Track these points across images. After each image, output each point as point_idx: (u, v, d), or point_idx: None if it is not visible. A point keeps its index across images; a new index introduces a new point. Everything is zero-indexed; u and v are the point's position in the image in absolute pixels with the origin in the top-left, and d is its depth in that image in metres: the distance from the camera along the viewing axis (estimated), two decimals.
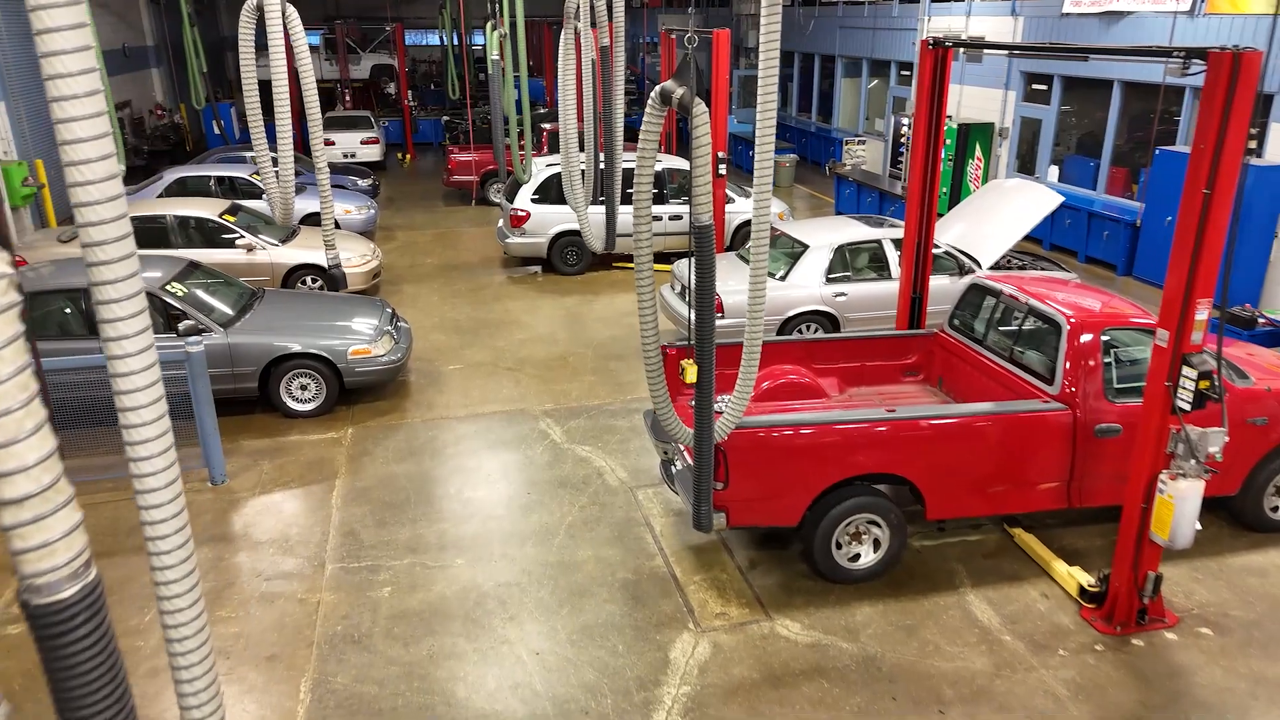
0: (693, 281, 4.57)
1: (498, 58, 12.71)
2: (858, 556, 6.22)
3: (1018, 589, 6.21)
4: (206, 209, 11.98)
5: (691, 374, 4.63)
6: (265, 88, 6.66)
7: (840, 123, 23.81)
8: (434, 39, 37.65)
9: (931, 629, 5.80)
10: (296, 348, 8.68)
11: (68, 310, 8.41)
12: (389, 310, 9.79)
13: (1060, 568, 6.28)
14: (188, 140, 24.32)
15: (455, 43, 32.20)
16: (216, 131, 21.51)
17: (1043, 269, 11.03)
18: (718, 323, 9.79)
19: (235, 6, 38.11)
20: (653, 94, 4.36)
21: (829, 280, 10.10)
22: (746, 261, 11.05)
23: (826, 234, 10.41)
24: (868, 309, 10.17)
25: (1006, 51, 15.26)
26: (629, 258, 14.27)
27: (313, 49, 31.24)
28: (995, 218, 10.77)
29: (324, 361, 8.77)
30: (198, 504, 7.33)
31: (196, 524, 7.02)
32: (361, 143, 22.22)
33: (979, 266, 10.45)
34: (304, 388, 8.86)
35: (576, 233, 13.50)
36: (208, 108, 21.19)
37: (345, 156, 22.03)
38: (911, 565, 6.47)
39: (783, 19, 23.78)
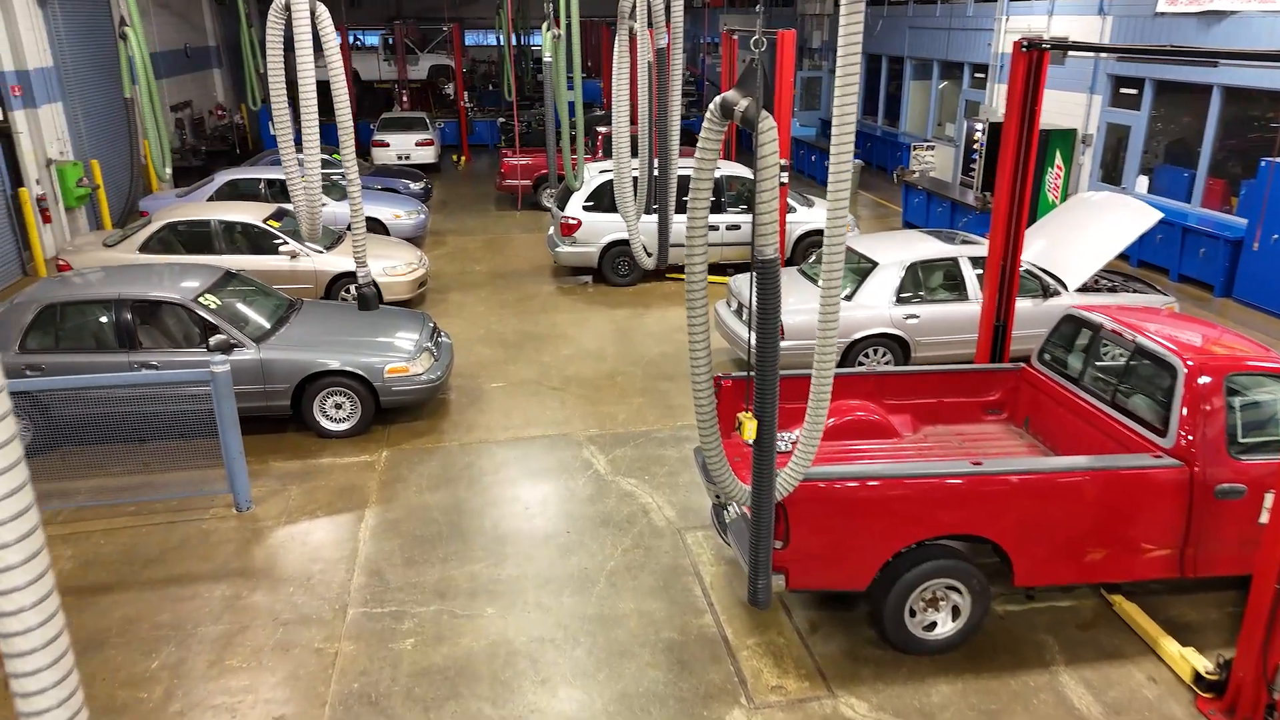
0: (753, 321, 3.94)
1: (550, 59, 12.22)
2: (934, 625, 5.50)
3: (1119, 669, 5.43)
4: (251, 214, 11.70)
5: (750, 430, 3.99)
6: (323, 89, 6.24)
7: (908, 127, 22.84)
8: (495, 39, 37.53)
9: (1020, 716, 5.06)
10: (332, 364, 8.24)
11: (104, 320, 8.10)
12: (430, 324, 9.32)
13: (1170, 647, 5.47)
14: (247, 140, 24.40)
15: (513, 43, 31.97)
16: (272, 133, 21.45)
17: (1135, 290, 10.09)
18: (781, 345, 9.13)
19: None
20: (712, 105, 3.74)
21: (899, 300, 9.34)
22: (810, 278, 10.42)
23: (897, 250, 9.65)
24: (941, 332, 9.38)
25: (1116, 55, 14.25)
26: (683, 268, 13.64)
27: (371, 49, 31.31)
28: (1083, 234, 9.86)
29: (359, 380, 8.33)
30: (220, 532, 6.92)
31: (217, 555, 6.61)
32: (416, 144, 21.96)
33: (1064, 288, 9.58)
34: (338, 406, 8.43)
35: (628, 242, 12.92)
36: (264, 108, 21.17)
37: (400, 158, 21.80)
38: (994, 635, 5.72)
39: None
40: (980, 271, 9.50)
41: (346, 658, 5.54)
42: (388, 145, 21.75)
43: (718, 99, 3.73)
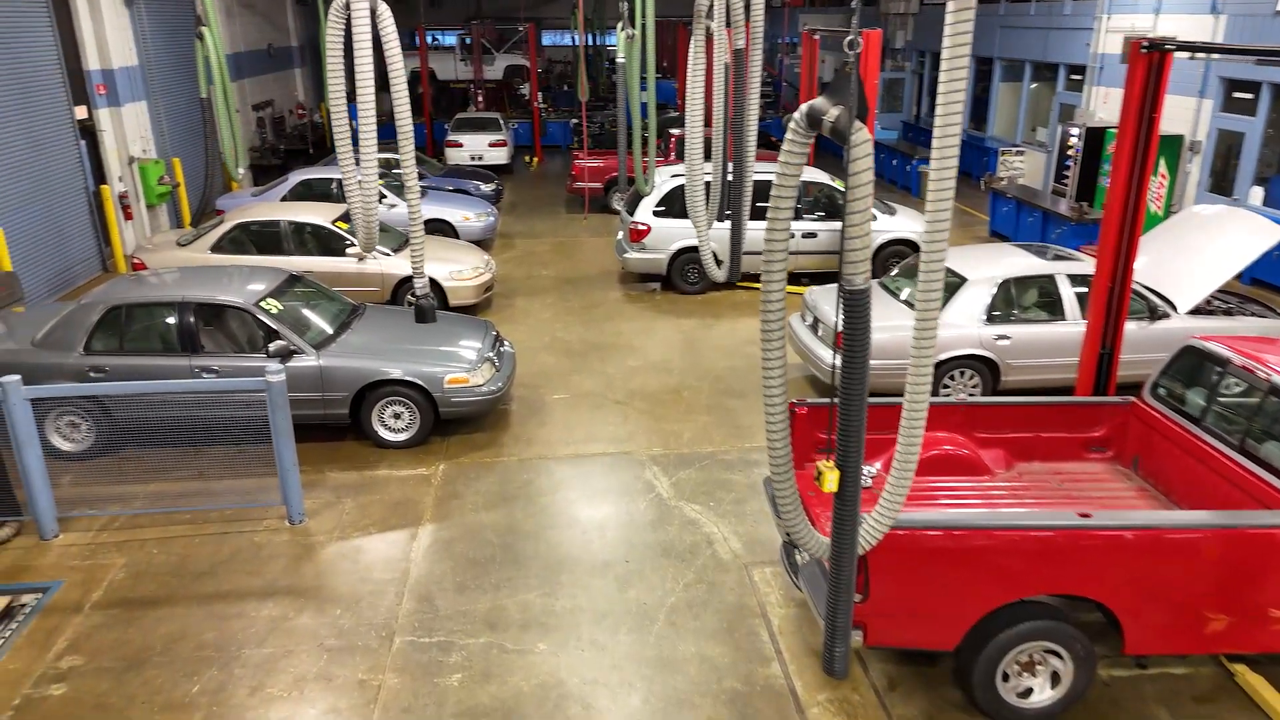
0: (838, 361, 3.48)
1: (624, 59, 11.87)
2: (1030, 691, 4.94)
3: None
4: (320, 215, 11.64)
5: (832, 482, 3.53)
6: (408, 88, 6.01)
7: (995, 130, 21.83)
8: (571, 39, 37.47)
9: None
10: (394, 374, 8.02)
11: (167, 323, 8.04)
12: (493, 333, 9.05)
13: None
14: (326, 139, 24.72)
15: (588, 43, 31.77)
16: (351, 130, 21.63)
17: (1253, 313, 9.22)
18: None
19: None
20: (798, 113, 3.29)
21: (989, 320, 8.69)
22: (892, 292, 9.81)
23: (988, 265, 8.99)
24: (1034, 355, 8.70)
25: (1254, 58, 13.20)
26: (755, 276, 13.13)
27: (448, 49, 31.48)
28: (1195, 252, 9.06)
29: (419, 389, 8.09)
30: (272, 546, 6.73)
31: (267, 570, 6.42)
32: (489, 145, 21.91)
33: (1174, 310, 8.80)
34: (397, 416, 8.21)
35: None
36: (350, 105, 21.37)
37: (472, 159, 21.78)
38: (1097, 704, 5.12)
39: (934, 18, 21.99)
40: (1080, 290, 8.80)
41: (390, 692, 5.25)
42: (461, 145, 21.75)
43: (804, 107, 3.28)
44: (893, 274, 9.90)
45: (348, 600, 6.09)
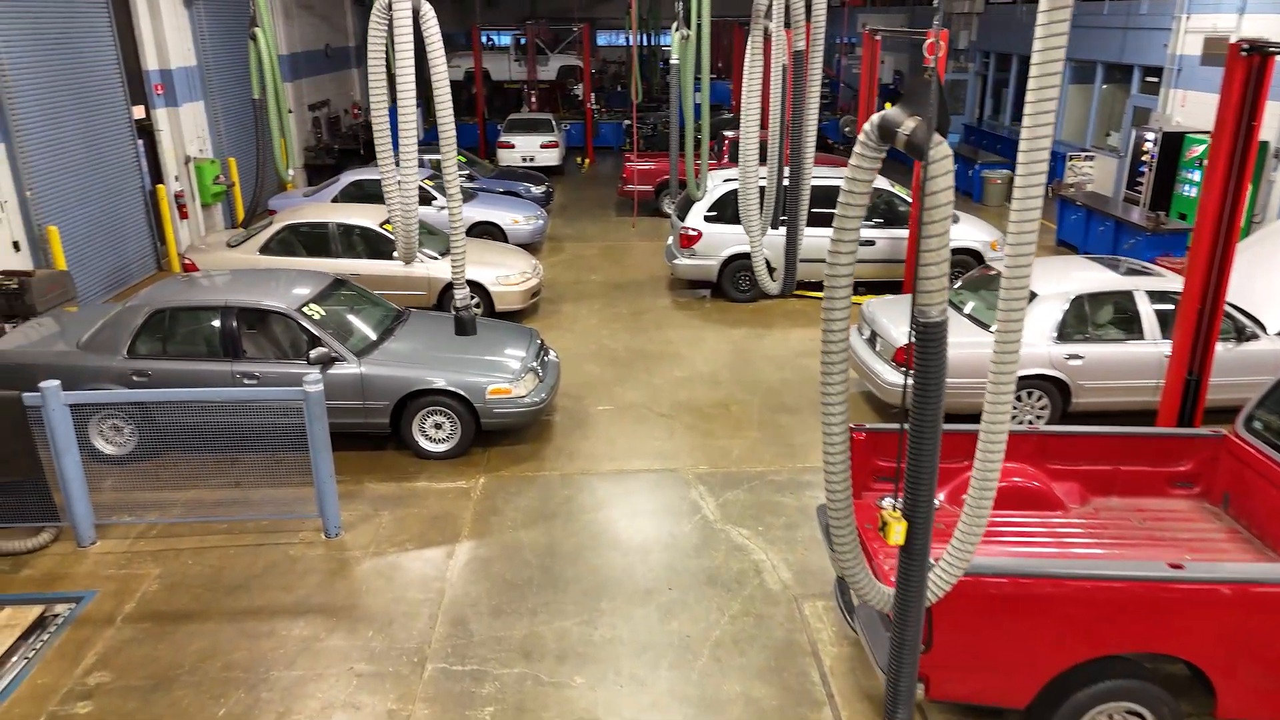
0: (911, 401, 3.12)
1: (678, 61, 11.56)
2: None
3: None
4: (368, 217, 11.54)
5: (898, 535, 3.18)
6: (457, 89, 5.80)
7: (1062, 134, 20.99)
8: (625, 39, 37.29)
9: None
10: (437, 383, 7.82)
11: (209, 327, 7.95)
12: (538, 341, 8.81)
13: None
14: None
15: (642, 43, 31.51)
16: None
17: None
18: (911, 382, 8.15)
19: (439, 8, 39.41)
20: (869, 124, 2.95)
21: (1061, 338, 8.18)
22: (955, 306, 9.30)
23: (1059, 279, 8.47)
24: (1109, 376, 8.17)
25: None
26: (809, 284, 12.72)
27: (502, 50, 31.50)
28: None
29: (460, 399, 7.88)
30: (307, 560, 6.57)
31: (300, 586, 6.25)
32: (541, 146, 21.77)
33: (1263, 331, 8.20)
34: (438, 426, 8.02)
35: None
36: (392, 108, 21.42)
37: (524, 160, 21.65)
38: None
39: (999, 18, 21.14)
40: (1160, 308, 8.24)
41: None
42: (513, 146, 21.64)
43: (876, 118, 2.94)
44: (956, 286, 9.42)
45: (380, 621, 5.88)
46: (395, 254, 11.11)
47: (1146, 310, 8.26)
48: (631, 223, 16.23)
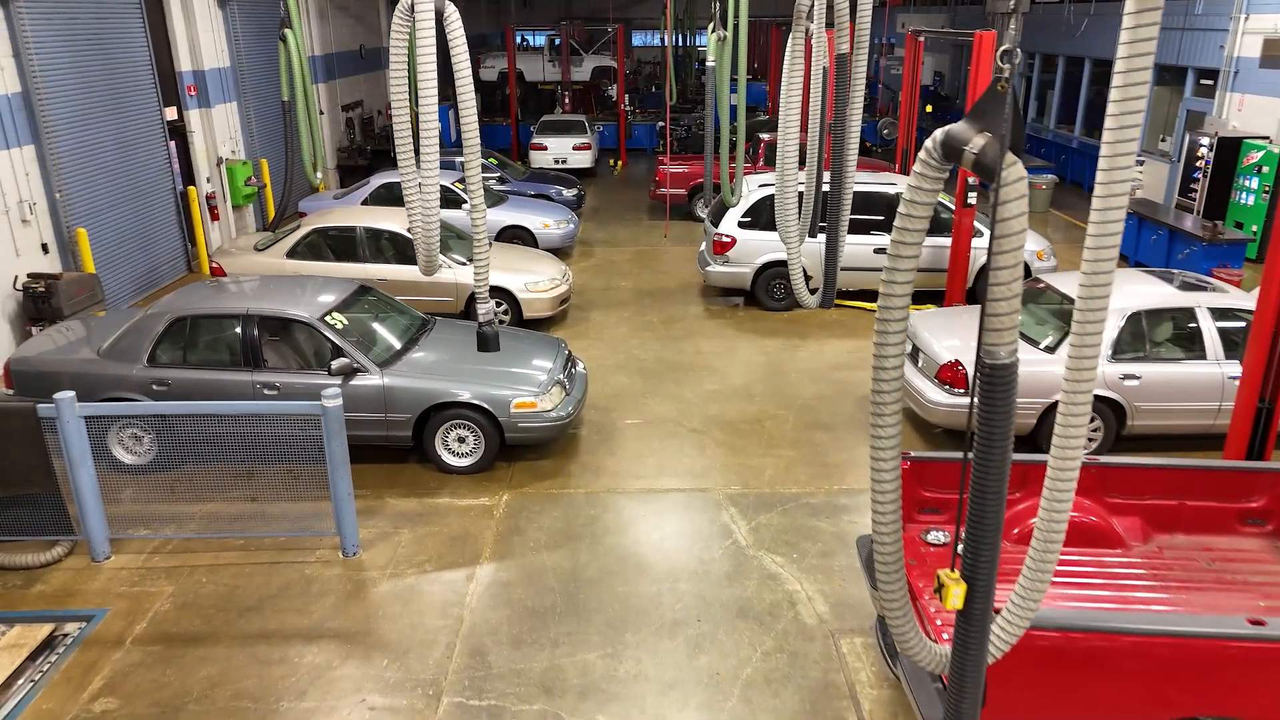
0: (975, 452, 2.78)
1: (714, 63, 11.23)
2: None
3: None
4: (396, 221, 11.35)
5: (957, 598, 2.84)
6: (491, 89, 5.55)
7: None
8: (660, 39, 36.98)
9: None
10: (462, 396, 7.57)
11: (231, 336, 7.78)
12: (565, 352, 8.54)
13: None
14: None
15: (677, 43, 31.21)
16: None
17: None
18: (961, 402, 7.77)
19: (473, 8, 39.40)
20: (932, 141, 2.63)
21: (1116, 357, 7.74)
22: None
23: (1115, 293, 8.01)
24: (1168, 399, 7.71)
25: None
26: (847, 293, 12.32)
27: (536, 50, 31.35)
28: None
29: (484, 413, 7.63)
30: (323, 580, 6.35)
31: (315, 608, 6.03)
32: (574, 148, 21.53)
33: None
34: (461, 440, 7.78)
35: (786, 263, 11.74)
36: (443, 107, 21.37)
37: (557, 162, 21.44)
38: None
39: (1047, 18, 20.49)
40: (1224, 326, 7.77)
41: None
42: (545, 149, 21.44)
43: (940, 134, 2.61)
44: None
45: (396, 649, 5.64)
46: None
47: (1209, 328, 7.79)
48: (664, 232, 15.82)
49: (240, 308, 7.73)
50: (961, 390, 7.80)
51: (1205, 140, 15.27)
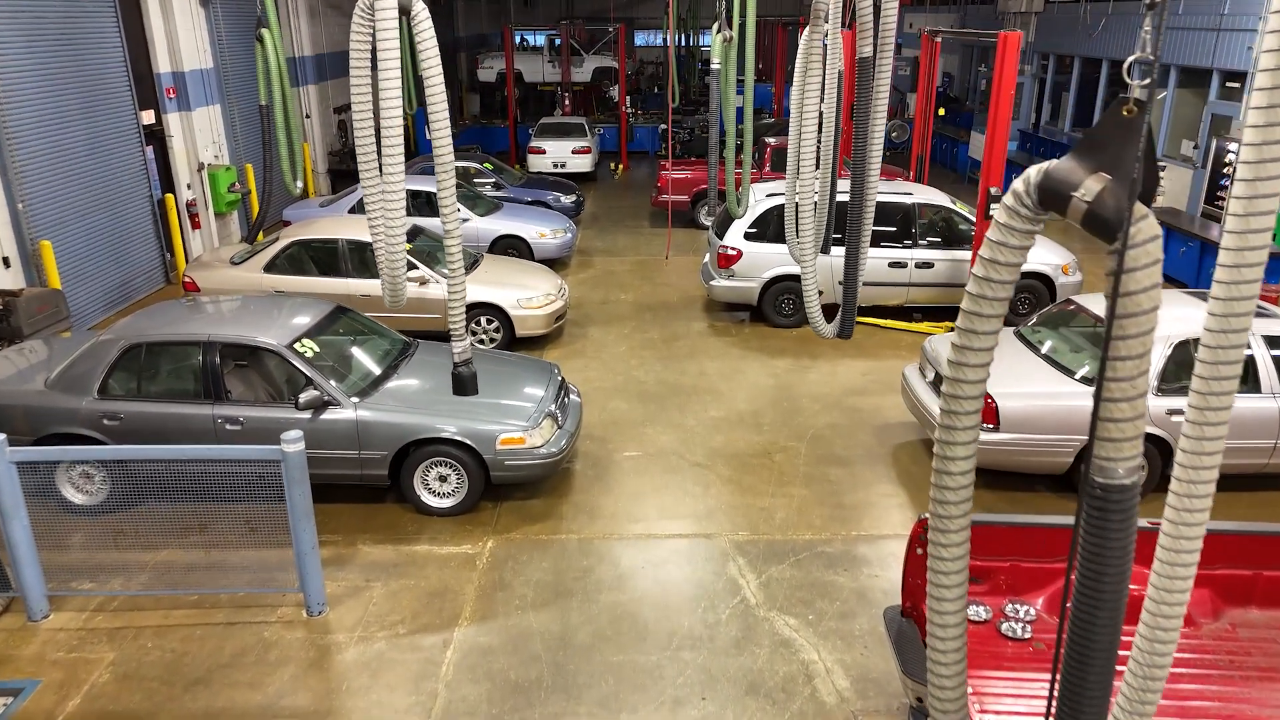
0: (1076, 594, 2.12)
1: (719, 65, 10.56)
2: None
3: None
4: None
5: None
6: (490, 91, 4.91)
7: None
8: (662, 39, 36.33)
9: None
10: (444, 431, 6.89)
11: (191, 365, 7.10)
12: (559, 379, 7.86)
13: None
14: (407, 143, 24.12)
15: (680, 43, 30.51)
16: (428, 137, 20.89)
17: None
18: (992, 438, 7.08)
19: (473, 8, 38.71)
20: (1022, 182, 1.95)
21: (1161, 389, 7.05)
22: (1032, 346, 8.17)
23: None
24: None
25: None
26: (864, 309, 11.63)
27: (536, 51, 30.69)
28: None
29: (467, 449, 6.96)
30: (283, 645, 5.67)
31: (270, 682, 5.35)
32: (573, 152, 20.83)
33: None
34: (443, 479, 7.10)
35: (796, 278, 11.05)
36: (419, 111, 20.68)
37: (555, 167, 20.75)
38: None
39: (1063, 18, 19.64)
40: (1278, 354, 7.09)
41: None
42: (544, 152, 20.73)
43: (1035, 174, 1.93)
44: (1031, 323, 8.31)
45: None
46: (418, 266, 10.22)
47: (1263, 357, 7.11)
48: (664, 254, 14.72)
49: (201, 334, 7.06)
50: (992, 426, 7.11)
51: (1233, 146, 14.55)
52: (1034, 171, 1.93)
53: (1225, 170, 14.69)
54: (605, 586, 6.27)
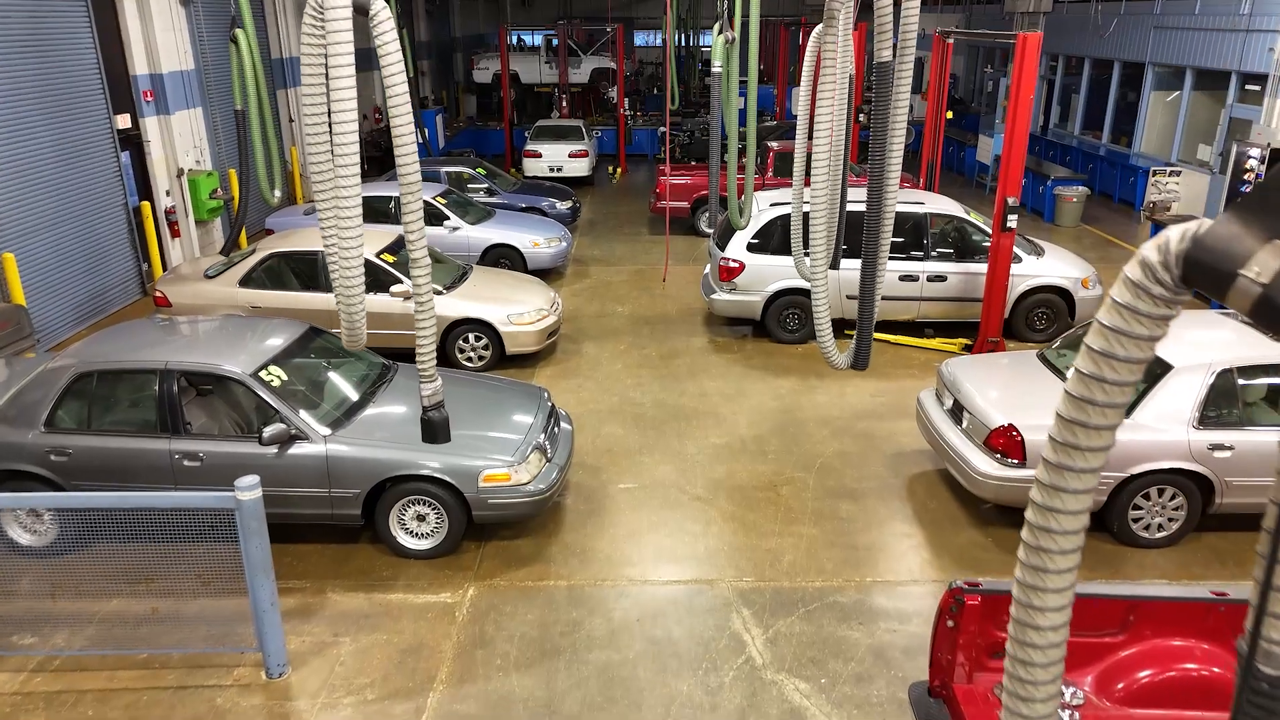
0: None
1: (720, 68, 10.01)
2: None
3: None
4: (367, 243, 10.08)
5: None
6: (485, 92, 4.36)
7: (1143, 147, 19.05)
8: (661, 39, 35.77)
9: None
10: (423, 467, 6.33)
11: (146, 395, 6.51)
12: (549, 405, 7.30)
13: None
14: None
15: (680, 44, 29.94)
16: (421, 141, 20.33)
17: None
18: (1017, 474, 6.51)
19: (470, 8, 38.12)
20: (1158, 251, 1.37)
21: (1203, 423, 6.48)
22: (1057, 371, 7.56)
23: (1199, 345, 6.76)
24: (1267, 473, 6.46)
25: None
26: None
27: (533, 51, 30.13)
28: None
29: (448, 487, 6.40)
30: (238, 714, 5.11)
31: None
32: (570, 156, 20.25)
33: None
34: (421, 518, 6.54)
35: (802, 291, 10.50)
36: (423, 114, 20.10)
37: (551, 170, 20.18)
38: None
39: (1072, 18, 19.06)
40: None
41: None
42: (540, 156, 20.16)
43: (1175, 240, 1.36)
44: (1056, 346, 7.74)
45: None
46: (402, 281, 9.65)
47: None
48: (663, 277, 13.71)
49: (157, 361, 6.48)
50: (1016, 461, 6.54)
51: (1255, 151, 13.98)
52: (1175, 236, 1.37)
53: (1246, 176, 14.12)
54: (596, 643, 5.70)
